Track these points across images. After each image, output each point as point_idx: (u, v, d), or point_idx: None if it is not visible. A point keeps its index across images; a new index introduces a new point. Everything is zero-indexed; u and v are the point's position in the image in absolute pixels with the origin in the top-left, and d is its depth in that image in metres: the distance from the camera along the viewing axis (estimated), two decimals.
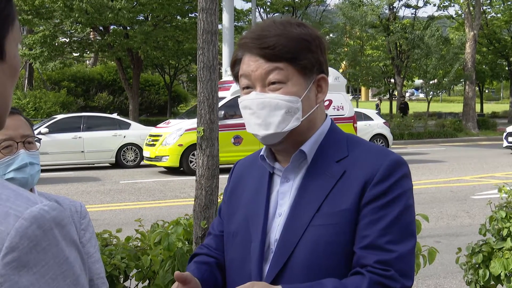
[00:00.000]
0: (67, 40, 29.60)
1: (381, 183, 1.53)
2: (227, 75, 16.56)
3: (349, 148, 1.62)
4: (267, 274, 1.58)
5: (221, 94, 16.39)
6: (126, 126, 18.33)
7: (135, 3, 26.75)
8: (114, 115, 19.58)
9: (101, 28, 28.26)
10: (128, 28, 27.94)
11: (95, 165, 17.95)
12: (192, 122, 15.88)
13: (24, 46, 28.30)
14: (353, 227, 1.53)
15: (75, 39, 29.61)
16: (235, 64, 1.65)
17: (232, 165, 3.81)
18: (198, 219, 3.72)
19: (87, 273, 0.90)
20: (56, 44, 28.13)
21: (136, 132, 18.09)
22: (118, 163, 17.72)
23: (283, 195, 1.64)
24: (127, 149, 17.88)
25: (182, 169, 15.95)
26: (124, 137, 17.90)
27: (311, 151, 1.62)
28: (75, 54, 32.35)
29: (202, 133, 3.74)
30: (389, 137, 21.68)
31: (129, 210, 10.71)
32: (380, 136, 21.22)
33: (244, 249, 1.66)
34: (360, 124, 20.88)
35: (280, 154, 1.67)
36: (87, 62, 45.28)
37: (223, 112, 15.54)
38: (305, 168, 1.63)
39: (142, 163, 17.77)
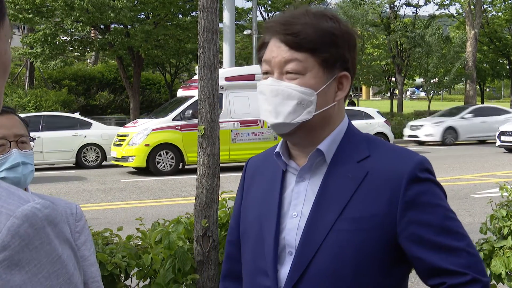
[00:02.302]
0: (68, 39, 29.60)
1: (413, 186, 1.48)
2: (198, 74, 16.33)
3: (370, 148, 1.56)
4: (288, 278, 1.53)
5: (189, 93, 16.28)
6: (87, 125, 17.72)
7: (136, 1, 26.75)
8: (76, 115, 18.95)
9: (102, 26, 28.26)
10: (129, 26, 27.94)
11: (55, 165, 17.42)
12: (159, 122, 15.68)
13: (25, 44, 28.32)
14: (386, 233, 1.48)
15: (76, 37, 29.62)
16: (261, 47, 1.60)
17: None
18: (199, 218, 3.72)
19: (81, 271, 0.90)
20: (57, 42, 28.13)
21: (98, 131, 17.55)
22: (78, 164, 17.24)
23: (298, 195, 1.58)
24: (88, 149, 17.39)
25: (149, 169, 15.60)
26: (85, 137, 17.34)
27: (329, 150, 1.56)
28: (76, 53, 32.37)
29: (203, 132, 3.74)
30: (390, 136, 21.66)
31: (130, 208, 10.71)
32: (381, 134, 21.19)
33: (257, 247, 1.61)
34: (361, 122, 20.89)
35: (295, 149, 1.62)
36: (88, 60, 45.30)
37: (191, 111, 15.35)
38: (323, 167, 1.57)
39: (104, 163, 17.39)
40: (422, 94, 65.30)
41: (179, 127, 15.46)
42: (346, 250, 1.48)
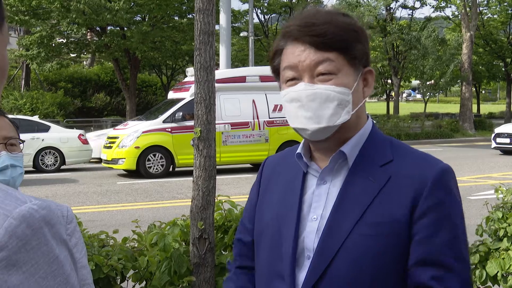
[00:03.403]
0: (64, 41, 29.59)
1: (434, 194, 1.45)
2: (189, 76, 16.34)
3: (393, 153, 1.53)
4: (305, 282, 1.49)
5: (180, 95, 16.21)
6: (45, 128, 17.03)
7: (133, 3, 26.75)
8: (35, 118, 18.20)
9: (98, 28, 28.25)
10: (125, 28, 27.94)
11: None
12: (150, 124, 15.61)
13: (21, 46, 28.29)
14: (404, 240, 1.45)
15: (72, 39, 29.60)
16: (275, 55, 1.54)
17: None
18: (195, 220, 3.72)
19: (77, 272, 0.90)
20: (53, 44, 28.13)
21: (56, 135, 16.91)
22: (36, 168, 16.68)
23: (319, 198, 1.54)
24: (46, 153, 16.73)
25: (139, 172, 15.41)
26: (43, 140, 16.73)
27: (352, 153, 1.52)
28: (72, 55, 32.39)
29: (199, 134, 3.74)
30: None
31: (126, 211, 10.70)
32: None
33: (274, 249, 1.58)
34: None
35: (318, 152, 1.58)
36: (84, 62, 45.26)
37: (181, 113, 15.35)
38: (344, 170, 1.53)
39: (63, 167, 16.87)
40: (418, 96, 65.42)
41: (170, 129, 15.41)
42: (365, 255, 1.44)
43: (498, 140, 21.28)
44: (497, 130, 21.90)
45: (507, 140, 21.02)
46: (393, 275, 1.46)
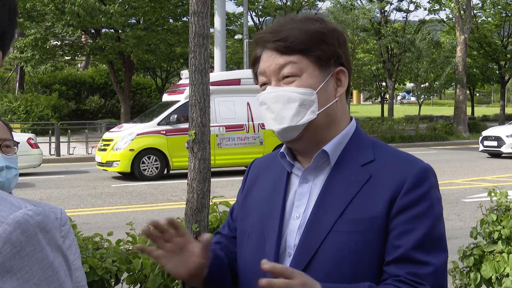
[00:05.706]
0: (59, 43, 29.53)
1: (412, 192, 1.48)
2: (183, 79, 16.37)
3: (375, 153, 1.56)
4: None
5: (175, 98, 16.22)
6: None
7: (127, 6, 26.72)
8: None
9: (92, 31, 28.21)
10: (119, 31, 27.90)
11: None
12: (144, 126, 15.62)
13: (16, 49, 28.22)
14: (383, 236, 1.47)
15: (67, 42, 29.55)
16: (255, 62, 1.61)
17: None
18: (189, 223, 3.71)
19: (72, 278, 0.90)
20: (48, 47, 28.06)
21: None
22: None
23: (301, 196, 1.57)
24: None
25: (134, 174, 15.36)
26: None
27: (334, 152, 1.56)
28: (66, 57, 32.30)
29: (194, 136, 3.73)
30: None
31: (120, 213, 10.67)
32: None
33: (258, 249, 1.60)
34: None
35: (300, 154, 1.61)
36: (79, 65, 45.18)
37: (176, 116, 15.39)
38: (327, 170, 1.57)
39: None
40: (413, 98, 65.61)
41: (164, 132, 15.41)
42: (344, 252, 1.47)
43: (486, 143, 21.23)
44: (485, 133, 21.87)
45: (494, 143, 20.95)
46: (373, 270, 1.48)
